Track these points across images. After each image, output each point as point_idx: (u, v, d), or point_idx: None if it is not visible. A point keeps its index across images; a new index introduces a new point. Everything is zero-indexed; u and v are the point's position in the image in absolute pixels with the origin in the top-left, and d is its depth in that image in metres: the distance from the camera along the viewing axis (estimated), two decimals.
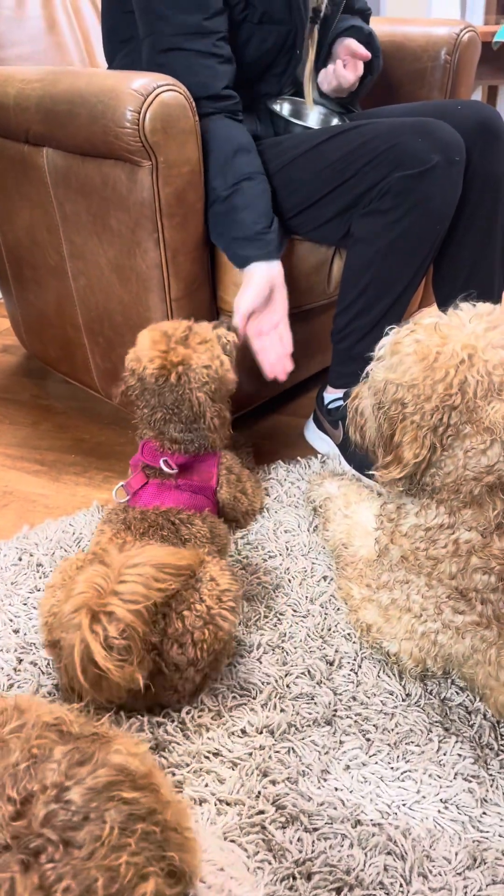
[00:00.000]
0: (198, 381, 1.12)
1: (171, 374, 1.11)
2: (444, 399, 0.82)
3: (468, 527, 0.88)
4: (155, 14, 1.29)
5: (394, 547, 0.97)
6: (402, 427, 0.86)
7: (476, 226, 1.42)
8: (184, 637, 0.93)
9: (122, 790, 0.57)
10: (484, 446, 0.82)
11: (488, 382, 0.81)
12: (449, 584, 0.91)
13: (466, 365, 0.81)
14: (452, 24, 1.69)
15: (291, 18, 1.39)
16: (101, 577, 0.86)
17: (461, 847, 0.83)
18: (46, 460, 1.61)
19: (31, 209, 1.50)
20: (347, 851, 0.83)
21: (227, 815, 0.87)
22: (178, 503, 1.15)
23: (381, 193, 1.28)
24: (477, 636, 0.92)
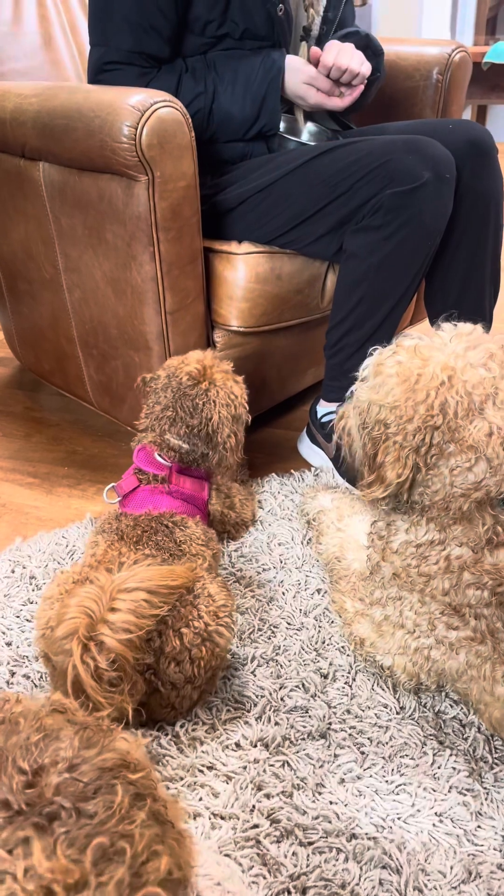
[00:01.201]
0: (223, 401, 1.18)
1: (202, 382, 1.18)
2: (426, 420, 0.83)
3: (459, 542, 0.89)
4: (116, 27, 1.35)
5: (385, 564, 0.97)
6: (385, 447, 0.87)
7: (467, 242, 1.43)
8: (181, 655, 0.93)
9: (127, 773, 0.57)
10: (469, 464, 0.83)
11: (468, 402, 0.82)
12: (442, 600, 0.91)
13: (446, 386, 0.83)
14: (444, 44, 1.71)
15: (274, 34, 1.41)
16: (93, 600, 0.84)
17: (456, 861, 0.83)
18: (39, 472, 1.61)
19: (26, 222, 1.51)
20: (342, 865, 0.83)
21: (222, 829, 0.87)
22: (171, 507, 1.15)
23: (373, 209, 1.30)
24: (471, 651, 0.92)
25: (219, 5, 1.35)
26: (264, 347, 1.52)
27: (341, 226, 1.36)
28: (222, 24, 1.37)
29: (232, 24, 1.37)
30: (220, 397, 1.18)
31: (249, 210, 1.42)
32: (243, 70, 1.39)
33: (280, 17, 1.39)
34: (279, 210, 1.39)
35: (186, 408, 1.17)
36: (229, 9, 1.36)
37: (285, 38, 1.45)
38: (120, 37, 1.36)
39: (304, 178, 1.36)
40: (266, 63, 1.40)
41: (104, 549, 1.06)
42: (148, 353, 1.38)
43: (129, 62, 1.38)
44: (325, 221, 1.37)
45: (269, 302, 1.43)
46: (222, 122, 1.43)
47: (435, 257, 1.43)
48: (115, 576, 0.88)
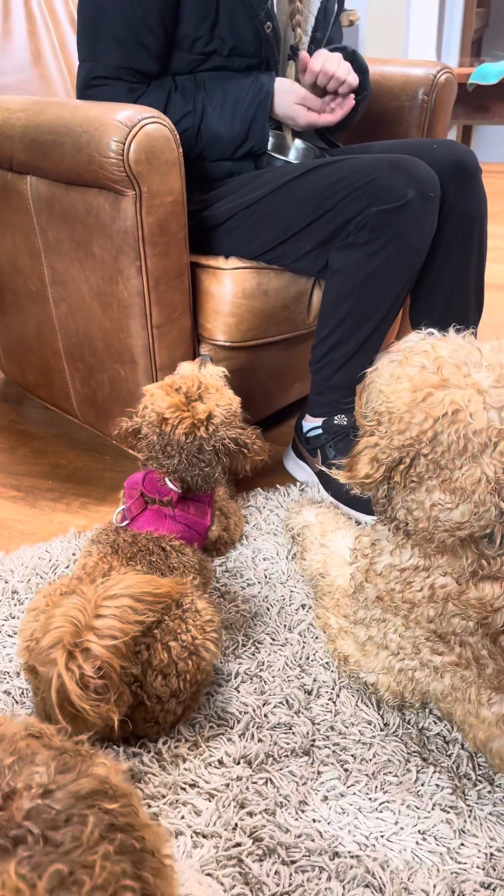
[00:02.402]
0: (225, 425, 1.14)
1: (200, 429, 1.13)
2: (413, 443, 0.79)
3: (443, 572, 0.87)
4: (103, 43, 1.37)
5: (369, 585, 0.96)
6: (367, 441, 0.84)
7: (451, 260, 1.45)
8: (168, 668, 0.93)
9: (103, 800, 0.56)
10: (451, 505, 0.80)
11: (464, 445, 0.77)
12: (427, 627, 0.90)
13: (447, 420, 0.77)
14: (430, 65, 1.74)
15: (261, 51, 1.42)
16: (78, 610, 0.84)
17: (439, 879, 0.83)
18: (23, 486, 1.60)
19: (12, 235, 1.51)
20: (325, 884, 0.82)
21: (204, 847, 0.86)
22: (172, 531, 1.15)
23: (358, 227, 1.31)
24: (456, 676, 0.91)
25: (207, 22, 1.36)
26: (250, 362, 1.52)
27: (327, 242, 1.37)
28: (210, 41, 1.39)
29: (220, 41, 1.39)
30: (222, 423, 1.14)
31: (236, 226, 1.43)
32: (232, 91, 1.41)
33: (268, 34, 1.41)
34: (266, 226, 1.40)
35: (193, 455, 1.14)
36: (217, 26, 1.37)
37: (273, 56, 1.46)
38: (108, 52, 1.37)
39: (290, 196, 1.38)
40: (255, 85, 1.41)
41: (95, 560, 1.06)
42: (134, 367, 1.38)
43: (117, 77, 1.39)
44: (311, 238, 1.38)
45: (255, 317, 1.44)
46: (210, 142, 1.44)
47: (420, 274, 1.44)
48: (98, 585, 0.88)
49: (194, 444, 1.13)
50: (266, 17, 1.39)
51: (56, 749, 0.59)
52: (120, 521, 1.16)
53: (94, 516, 1.49)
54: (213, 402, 1.15)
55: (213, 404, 1.14)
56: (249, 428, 1.19)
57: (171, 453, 1.14)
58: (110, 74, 1.38)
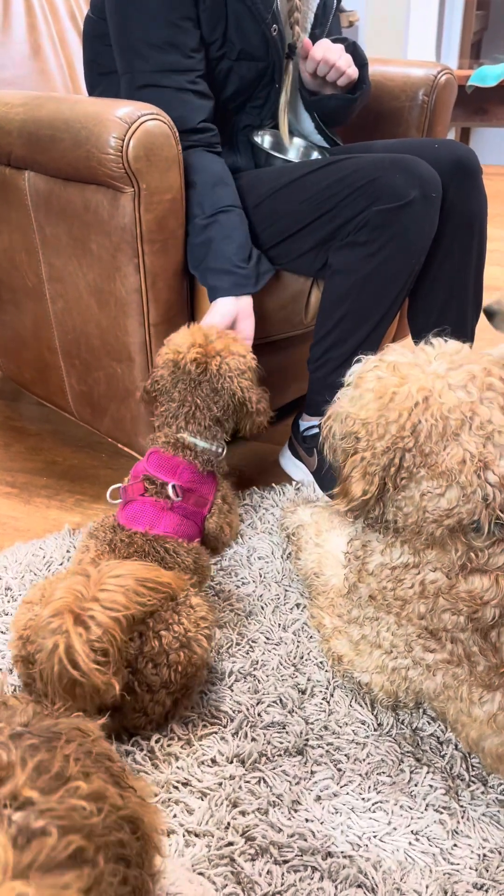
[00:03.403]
0: (237, 370, 1.16)
1: (211, 363, 1.15)
2: (396, 441, 0.81)
3: (433, 567, 0.88)
4: (133, 52, 1.33)
5: (362, 585, 0.97)
6: (352, 462, 0.85)
7: (450, 261, 1.45)
8: (159, 657, 0.94)
9: (78, 738, 0.57)
10: (440, 490, 0.81)
11: (443, 426, 0.80)
12: (418, 624, 0.91)
13: (421, 408, 0.80)
14: (430, 65, 1.74)
15: (268, 55, 1.42)
16: (82, 585, 0.85)
17: (432, 880, 0.83)
18: (18, 482, 1.60)
19: (10, 231, 1.50)
20: (318, 884, 0.82)
21: (196, 846, 0.85)
22: (168, 528, 1.14)
23: (358, 226, 1.31)
24: (448, 674, 0.91)
25: (219, 27, 1.36)
26: None
27: (326, 242, 1.37)
28: (222, 45, 1.38)
29: (230, 44, 1.38)
30: (234, 368, 1.16)
31: None
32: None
33: (274, 37, 1.41)
34: (265, 226, 1.40)
35: (204, 396, 1.16)
36: (227, 30, 1.37)
37: (280, 59, 1.46)
38: (141, 59, 1.32)
39: (290, 195, 1.37)
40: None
41: (93, 557, 1.06)
42: (130, 365, 1.38)
43: (156, 84, 1.33)
44: (311, 237, 1.37)
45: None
46: None
47: (419, 275, 1.44)
48: (103, 565, 0.89)
49: (205, 383, 1.14)
50: (273, 19, 1.38)
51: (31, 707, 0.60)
52: (114, 498, 1.17)
53: (88, 513, 1.49)
54: (229, 345, 1.19)
55: (229, 348, 1.18)
56: (259, 388, 1.20)
57: (182, 394, 1.15)
58: (155, 82, 1.33)
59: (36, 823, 0.45)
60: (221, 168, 1.36)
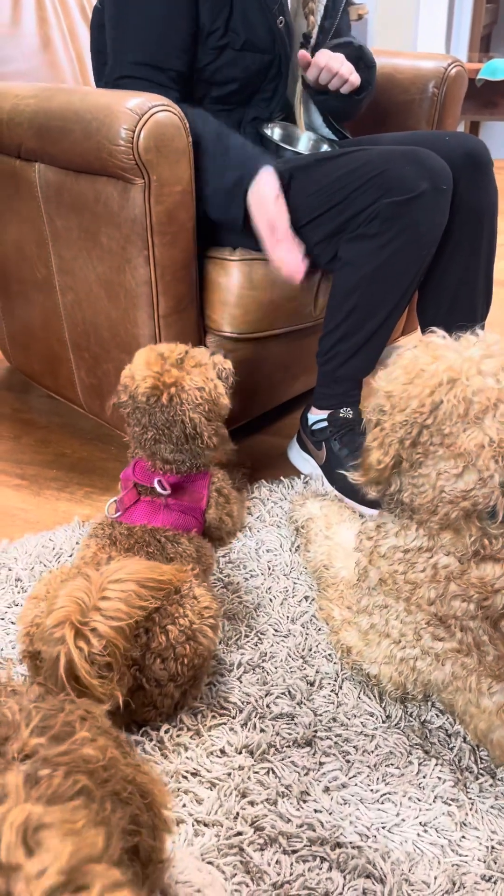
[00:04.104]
0: (190, 403, 1.12)
1: (162, 395, 1.11)
2: (414, 415, 0.82)
3: (446, 551, 0.88)
4: (124, 40, 1.34)
5: (372, 568, 0.97)
6: (374, 433, 0.87)
7: (460, 254, 1.44)
8: (166, 651, 0.93)
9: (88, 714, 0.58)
10: (457, 471, 0.82)
11: (465, 409, 0.80)
12: (428, 610, 0.91)
13: (445, 388, 0.81)
14: (440, 58, 1.73)
15: (274, 47, 1.42)
16: (83, 591, 0.85)
17: (440, 871, 0.83)
18: (27, 474, 1.60)
19: (20, 223, 1.50)
20: (326, 874, 0.82)
21: (205, 835, 0.86)
22: (167, 523, 1.14)
23: (369, 218, 1.30)
24: (457, 663, 0.91)
25: (222, 15, 1.35)
26: (256, 354, 1.52)
27: (336, 234, 1.36)
28: (224, 35, 1.38)
29: (233, 34, 1.38)
30: (188, 399, 1.11)
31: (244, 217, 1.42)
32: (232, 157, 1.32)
33: (281, 29, 1.40)
34: None
35: (161, 425, 1.13)
36: (231, 19, 1.36)
37: (286, 52, 1.45)
38: (131, 50, 1.34)
39: (300, 187, 1.37)
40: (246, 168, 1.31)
41: (94, 551, 1.06)
42: None
43: (140, 77, 1.35)
44: (321, 229, 1.37)
45: (261, 308, 1.43)
46: None
47: (429, 268, 1.44)
48: (104, 569, 0.88)
49: (159, 414, 1.11)
50: (279, 11, 1.38)
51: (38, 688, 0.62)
52: (113, 512, 1.16)
53: (98, 505, 1.49)
54: (190, 374, 1.13)
55: (188, 377, 1.13)
56: (215, 423, 1.16)
57: (141, 421, 1.13)
58: (134, 73, 1.35)
59: (43, 770, 0.46)
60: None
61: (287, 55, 1.47)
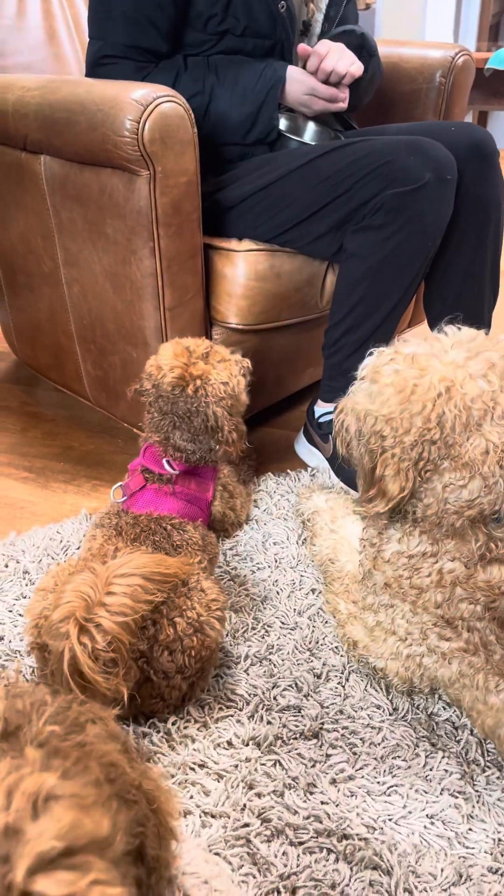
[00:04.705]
0: (215, 396, 1.13)
1: (188, 386, 1.13)
2: (423, 433, 0.80)
3: (451, 557, 0.87)
4: (111, 20, 1.35)
5: (377, 573, 0.96)
6: (384, 460, 0.84)
7: (466, 245, 1.43)
8: (174, 644, 0.93)
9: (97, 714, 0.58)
10: (463, 482, 0.81)
11: (466, 416, 0.79)
12: (434, 612, 0.90)
13: (444, 398, 0.80)
14: (447, 47, 1.71)
15: (276, 32, 1.41)
16: (89, 586, 0.85)
17: (447, 863, 0.83)
18: (34, 467, 1.60)
19: (26, 216, 1.50)
20: (333, 866, 0.82)
21: (212, 827, 0.86)
22: (172, 511, 1.15)
23: (374, 209, 1.29)
24: (464, 662, 0.91)
25: (221, 1, 1.35)
26: (262, 346, 1.52)
27: (342, 225, 1.36)
28: (224, 20, 1.37)
29: (233, 20, 1.37)
30: (213, 392, 1.13)
31: (250, 208, 1.41)
32: (244, 76, 1.39)
33: (282, 14, 1.39)
34: (280, 209, 1.39)
35: (183, 414, 1.15)
36: (231, 5, 1.36)
37: (288, 37, 1.45)
38: (116, 31, 1.36)
39: (305, 178, 1.36)
40: (267, 72, 1.40)
41: (101, 542, 1.06)
42: (146, 349, 1.38)
43: (125, 56, 1.37)
44: (326, 221, 1.36)
45: (267, 300, 1.43)
46: (217, 125, 1.42)
47: (434, 259, 1.43)
48: (110, 563, 0.88)
49: (182, 404, 1.13)
50: None
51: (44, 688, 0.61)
52: (118, 497, 1.17)
53: (105, 498, 1.49)
54: (214, 369, 1.15)
55: (212, 370, 1.15)
56: (235, 418, 1.17)
57: (163, 409, 1.14)
58: (118, 53, 1.37)
59: (55, 759, 0.46)
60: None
61: (290, 40, 1.46)
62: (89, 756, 0.49)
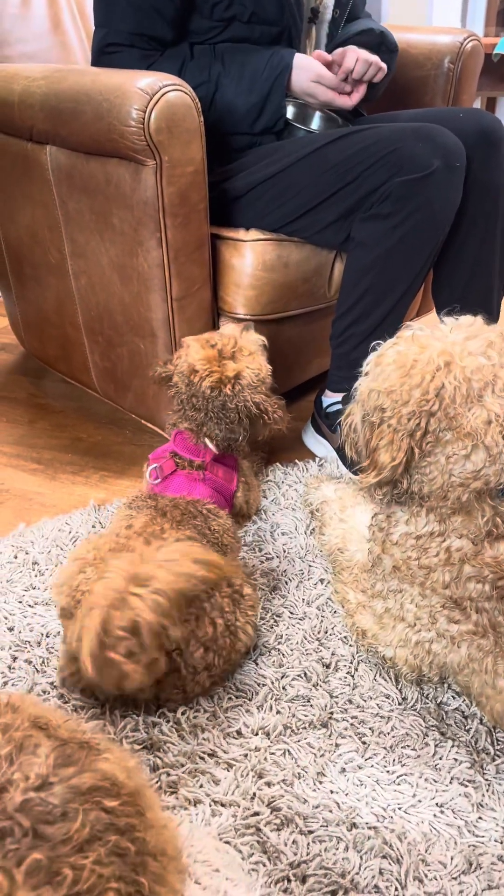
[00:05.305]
0: (251, 388, 1.17)
1: (226, 387, 1.16)
2: (421, 404, 0.82)
3: (458, 534, 0.88)
4: (116, 7, 1.35)
5: (385, 556, 0.97)
6: (380, 432, 0.86)
7: (475, 233, 1.42)
8: (210, 643, 0.95)
9: (104, 798, 0.55)
10: (466, 451, 0.82)
11: (467, 388, 0.81)
12: (443, 594, 0.91)
13: (444, 371, 0.81)
14: (456, 32, 1.70)
15: (283, 19, 1.40)
16: (134, 565, 0.85)
17: (457, 851, 0.83)
18: (43, 459, 1.61)
19: (32, 207, 1.50)
20: (343, 854, 0.83)
21: (222, 816, 0.86)
22: (204, 496, 1.16)
23: (381, 198, 1.29)
24: (473, 645, 0.91)
25: None
26: (270, 336, 1.50)
27: (349, 214, 1.35)
28: (230, 6, 1.36)
29: (240, 6, 1.36)
30: (248, 385, 1.16)
31: (257, 198, 1.41)
32: (250, 64, 1.38)
33: (290, 0, 1.38)
34: (287, 198, 1.38)
35: (218, 410, 1.17)
36: None
37: (296, 24, 1.43)
38: (121, 18, 1.35)
39: (312, 167, 1.35)
40: (274, 59, 1.39)
41: (145, 521, 1.06)
42: (153, 340, 1.38)
43: (130, 44, 1.37)
44: (334, 209, 1.35)
45: (275, 290, 1.42)
46: (224, 115, 1.42)
47: (443, 248, 1.42)
48: (158, 549, 0.89)
49: (218, 400, 1.16)
50: None
51: (60, 740, 0.58)
52: (153, 478, 1.18)
53: (113, 489, 1.50)
54: (244, 363, 1.18)
55: (244, 366, 1.17)
56: (274, 397, 1.20)
57: (196, 405, 1.17)
58: (124, 41, 1.37)
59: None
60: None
61: (298, 27, 1.45)
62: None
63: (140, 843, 0.56)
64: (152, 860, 0.57)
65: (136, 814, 0.58)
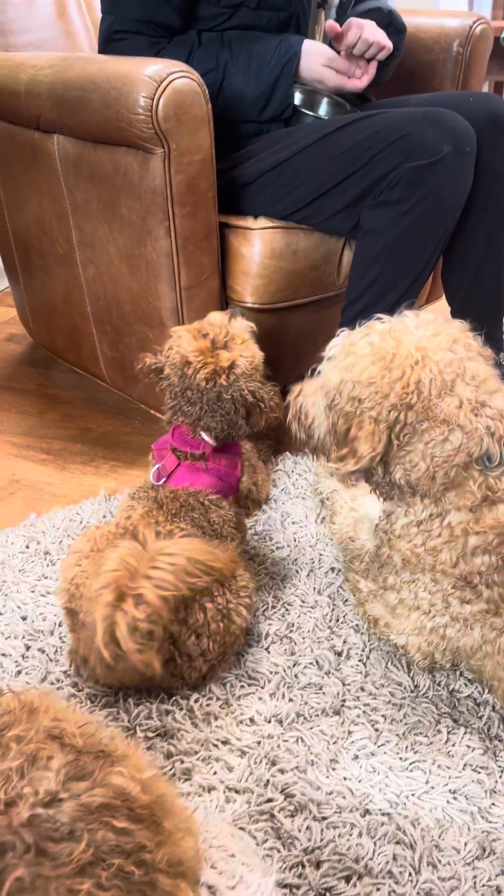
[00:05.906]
0: (246, 377, 1.14)
1: (220, 377, 1.13)
2: (402, 398, 0.86)
3: (456, 507, 0.90)
4: None
5: (395, 553, 0.98)
6: (359, 422, 0.89)
7: (486, 218, 1.41)
8: (202, 629, 0.95)
9: (115, 817, 0.54)
10: (443, 436, 0.86)
11: (441, 381, 0.86)
12: (452, 574, 0.92)
13: (420, 365, 0.86)
14: (465, 16, 1.68)
15: (291, 4, 1.39)
16: (134, 557, 0.85)
17: (470, 837, 0.83)
18: (53, 449, 1.61)
19: (40, 197, 1.49)
20: (356, 840, 0.83)
21: (236, 802, 0.87)
22: (207, 486, 1.15)
23: (391, 184, 1.28)
24: (486, 625, 0.92)
25: None
26: (279, 325, 1.51)
27: (359, 201, 1.34)
28: None
29: None
30: (243, 374, 1.14)
31: (266, 185, 1.40)
32: (258, 51, 1.37)
33: None
34: (296, 185, 1.37)
35: (213, 402, 1.15)
36: None
37: (304, 9, 1.42)
38: (129, 5, 1.34)
39: (321, 153, 1.34)
40: (282, 47, 1.38)
41: (142, 513, 1.06)
42: (162, 330, 1.37)
43: (137, 31, 1.36)
44: (343, 196, 1.35)
45: (284, 278, 1.42)
46: (232, 102, 1.41)
47: (452, 234, 1.41)
48: (158, 541, 0.88)
49: (213, 391, 1.13)
50: None
51: (75, 751, 0.57)
52: (156, 480, 1.17)
53: (123, 479, 1.50)
54: (237, 352, 1.15)
55: (238, 354, 1.15)
56: (269, 384, 1.19)
57: (191, 398, 1.14)
58: (131, 28, 1.36)
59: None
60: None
61: (305, 12, 1.44)
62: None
63: (148, 865, 0.55)
64: (163, 877, 0.56)
65: (150, 826, 0.57)
